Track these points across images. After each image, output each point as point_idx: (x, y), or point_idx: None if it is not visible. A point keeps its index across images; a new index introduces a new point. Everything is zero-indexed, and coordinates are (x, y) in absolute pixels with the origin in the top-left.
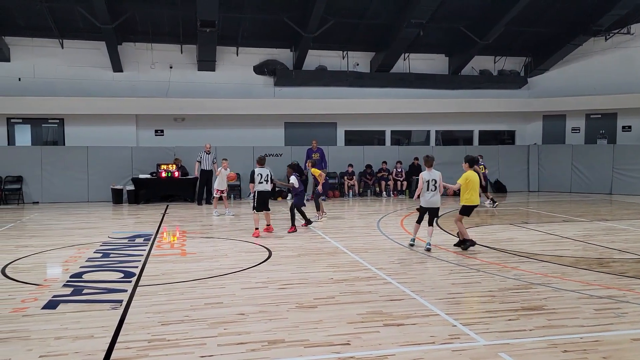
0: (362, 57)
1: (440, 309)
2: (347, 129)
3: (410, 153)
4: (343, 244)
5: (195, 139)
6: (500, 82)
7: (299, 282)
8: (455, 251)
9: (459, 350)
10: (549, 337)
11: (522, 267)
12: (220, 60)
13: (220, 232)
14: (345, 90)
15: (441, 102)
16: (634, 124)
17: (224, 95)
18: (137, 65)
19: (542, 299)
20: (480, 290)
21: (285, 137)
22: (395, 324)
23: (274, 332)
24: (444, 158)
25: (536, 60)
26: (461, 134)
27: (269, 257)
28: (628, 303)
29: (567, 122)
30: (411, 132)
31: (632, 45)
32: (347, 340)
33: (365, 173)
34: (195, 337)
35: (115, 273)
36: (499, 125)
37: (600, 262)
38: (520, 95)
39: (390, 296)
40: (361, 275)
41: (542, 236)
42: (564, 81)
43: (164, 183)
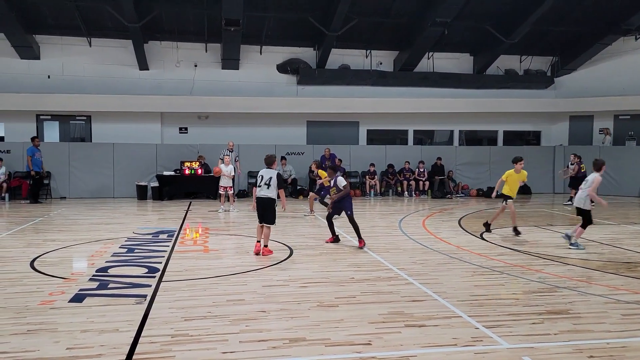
0: (385, 56)
1: (462, 310)
2: (370, 128)
3: (433, 153)
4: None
5: (218, 137)
6: (526, 82)
7: (320, 280)
8: (479, 253)
9: (482, 353)
10: (574, 341)
11: (547, 270)
12: (244, 59)
13: (242, 229)
14: (368, 89)
15: (465, 102)
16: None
17: (247, 94)
18: (162, 64)
19: (568, 303)
20: (504, 293)
21: (308, 136)
22: (416, 325)
23: (295, 330)
24: (467, 158)
25: (563, 60)
26: (485, 134)
27: (290, 255)
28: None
29: (595, 123)
30: (434, 132)
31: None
32: (368, 340)
33: (387, 173)
34: (217, 333)
35: (140, 268)
36: (524, 125)
37: (629, 267)
38: (547, 95)
39: (412, 297)
40: (382, 275)
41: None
42: (592, 81)
43: (187, 180)
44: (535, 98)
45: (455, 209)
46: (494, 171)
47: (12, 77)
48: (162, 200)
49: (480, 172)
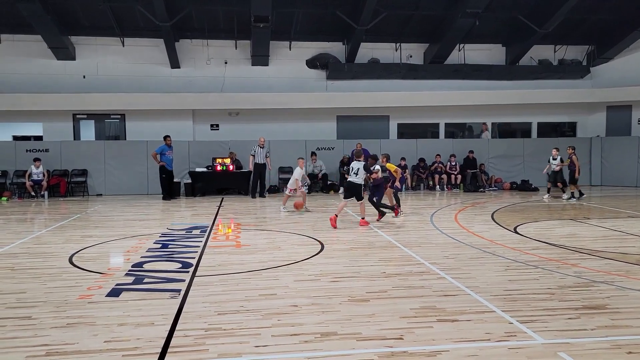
0: (415, 48)
1: (495, 305)
2: (400, 122)
3: (465, 146)
4: (396, 238)
5: (249, 133)
6: (560, 72)
7: (351, 275)
8: (512, 247)
9: (516, 349)
10: (612, 337)
11: (583, 265)
12: (273, 55)
13: (273, 224)
14: (398, 82)
15: (498, 94)
16: None
17: (277, 90)
18: (193, 62)
19: (605, 298)
20: (539, 288)
21: (338, 131)
22: (449, 320)
23: (327, 325)
24: (500, 151)
25: (600, 49)
26: (519, 126)
27: (321, 250)
28: None
29: (633, 113)
30: (466, 125)
31: None
32: (400, 335)
33: (419, 167)
34: (250, 327)
35: (174, 263)
36: (559, 116)
37: None
38: (583, 85)
39: (444, 291)
40: (414, 269)
41: (605, 232)
42: (629, 70)
43: (219, 176)
44: (571, 88)
45: (488, 202)
46: (528, 164)
47: (50, 77)
48: (194, 197)
49: (514, 164)
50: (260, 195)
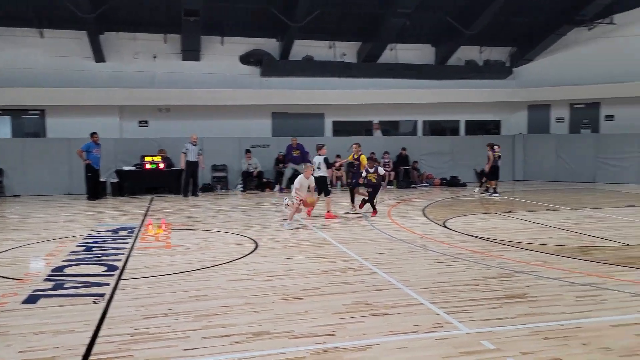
0: (349, 47)
1: (424, 298)
2: (335, 120)
3: (398, 143)
4: (330, 235)
5: (180, 130)
6: (486, 72)
7: (285, 273)
8: (442, 241)
9: (442, 339)
10: (530, 324)
11: (506, 256)
12: (205, 50)
13: (206, 224)
14: (333, 80)
15: (428, 93)
16: (617, 113)
17: (209, 86)
18: (119, 56)
19: (525, 287)
20: (465, 279)
21: (273, 128)
22: (380, 314)
23: (259, 324)
24: (431, 148)
25: (521, 50)
26: (448, 124)
27: (255, 248)
28: (608, 290)
29: (552, 112)
30: (399, 123)
31: (614, 35)
32: (332, 331)
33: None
34: (178, 330)
35: (98, 266)
36: (485, 115)
37: (583, 250)
38: (506, 85)
39: (376, 286)
40: (348, 266)
41: (527, 225)
42: (548, 71)
43: (148, 175)
44: (495, 88)
45: (420, 198)
46: (457, 161)
47: None
48: (122, 197)
49: (444, 161)
50: (192, 194)
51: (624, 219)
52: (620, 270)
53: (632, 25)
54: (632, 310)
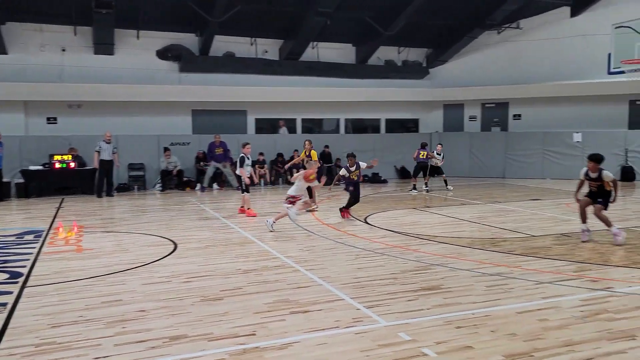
0: (271, 44)
1: (345, 293)
2: (258, 117)
3: (321, 141)
4: (252, 234)
5: (93, 128)
6: (404, 72)
7: (205, 274)
8: (362, 236)
9: (362, 333)
10: (444, 314)
11: (422, 249)
12: (119, 44)
13: (122, 225)
14: (255, 77)
15: (349, 91)
16: (523, 112)
17: (124, 81)
18: (24, 47)
19: (440, 279)
20: (384, 273)
21: (193, 126)
22: (301, 311)
23: (177, 328)
24: (354, 146)
25: (437, 52)
26: (369, 122)
27: (174, 250)
28: (515, 279)
29: (465, 111)
30: (322, 120)
31: (521, 39)
32: (252, 331)
33: (277, 161)
34: (89, 338)
35: (0, 274)
36: (404, 113)
37: (493, 242)
38: (423, 85)
39: (298, 284)
40: (270, 264)
41: (442, 219)
42: (461, 72)
43: (58, 175)
44: (413, 88)
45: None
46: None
47: None
48: (28, 198)
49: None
50: (107, 194)
51: (530, 212)
52: (525, 260)
53: (537, 30)
54: (535, 297)
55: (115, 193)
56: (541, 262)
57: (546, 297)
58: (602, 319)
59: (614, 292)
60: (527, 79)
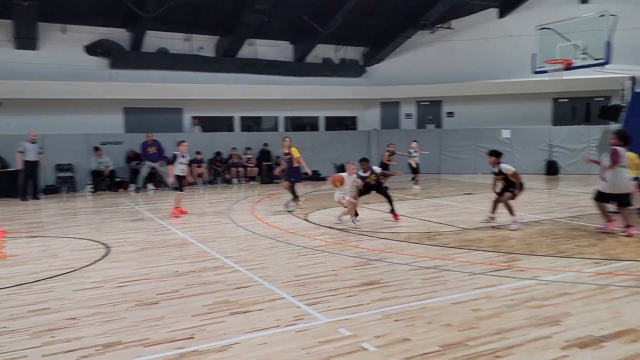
0: (207, 40)
1: (286, 292)
2: (195, 115)
3: (261, 139)
4: (191, 235)
5: (15, 127)
6: (342, 71)
7: (140, 278)
8: (303, 234)
9: (302, 331)
10: (383, 308)
11: (362, 245)
12: (43, 39)
13: (50, 229)
14: (191, 74)
15: (288, 89)
16: (456, 110)
17: (49, 77)
18: None
19: (379, 274)
20: (324, 270)
21: (126, 124)
22: (241, 312)
23: (110, 335)
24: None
25: (373, 50)
26: (308, 120)
27: (106, 254)
28: (449, 271)
29: (401, 109)
30: (261, 118)
31: (453, 39)
32: (190, 334)
33: (215, 160)
34: (14, 349)
35: None
36: (343, 111)
37: (429, 236)
38: (360, 83)
39: (238, 284)
40: (209, 265)
41: (382, 215)
42: (397, 71)
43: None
44: (351, 86)
45: (283, 193)
46: (318, 156)
47: None
48: None
49: (305, 156)
50: (33, 197)
51: (463, 206)
52: (459, 252)
53: (467, 31)
54: (468, 288)
55: (43, 195)
56: (474, 254)
57: (479, 287)
58: (530, 306)
59: (540, 280)
60: (459, 77)
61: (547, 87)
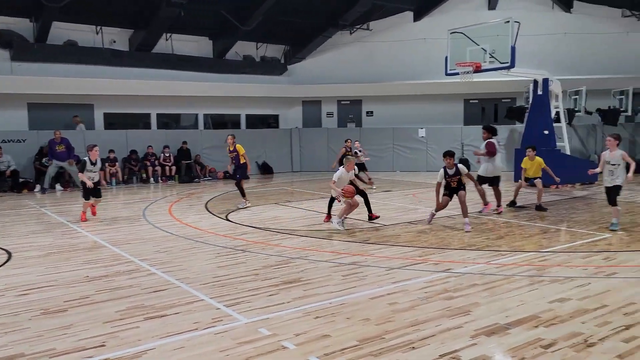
0: (119, 34)
1: (205, 293)
2: (107, 112)
3: (179, 137)
4: (103, 237)
5: None
6: (263, 68)
7: (46, 284)
8: (224, 234)
9: (221, 333)
10: (303, 306)
11: (284, 244)
12: None
13: None
14: (102, 69)
15: (207, 86)
16: (375, 109)
17: None
18: None
19: (300, 272)
20: (245, 270)
21: (30, 120)
22: (157, 316)
23: (11, 347)
24: (213, 142)
25: (294, 49)
26: (230, 117)
27: (8, 259)
28: (368, 267)
29: (323, 107)
30: (180, 116)
31: (371, 40)
32: (101, 342)
33: (130, 159)
34: None
35: None
36: (265, 109)
37: (349, 233)
38: (282, 81)
39: (154, 287)
40: (122, 269)
41: (303, 213)
42: (318, 70)
43: None
44: (272, 84)
45: (204, 192)
46: None
47: None
48: None
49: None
50: None
51: (382, 203)
52: (378, 248)
53: (385, 32)
54: (386, 282)
55: None
56: (391, 250)
57: (396, 281)
58: (443, 298)
59: (452, 272)
60: (377, 77)
61: (458, 88)
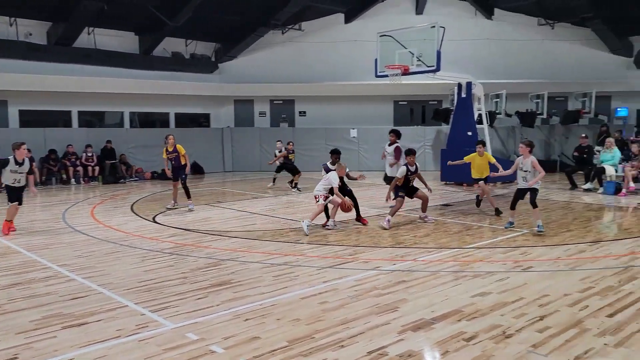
0: (36, 26)
1: (129, 299)
2: (23, 109)
3: (103, 135)
4: (16, 243)
5: None
6: (192, 66)
7: None
8: (150, 237)
9: (146, 339)
10: (233, 309)
11: (214, 246)
12: None
13: None
14: (17, 63)
15: (133, 83)
16: (307, 109)
17: None
18: None
19: (230, 274)
20: (172, 274)
21: None
22: (76, 325)
23: None
24: (140, 141)
25: (225, 47)
26: (158, 116)
27: None
28: (300, 267)
29: (255, 107)
30: (104, 114)
31: (303, 41)
32: (14, 354)
33: (48, 159)
34: None
35: None
36: (195, 108)
37: (281, 233)
38: (212, 79)
39: (73, 294)
40: (38, 275)
41: (235, 213)
42: (250, 68)
43: None
44: (202, 82)
45: (130, 193)
46: None
47: None
48: None
49: (155, 154)
50: None
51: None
52: (310, 248)
53: (316, 33)
54: (316, 282)
55: None
56: (323, 249)
57: (326, 281)
58: (372, 295)
59: (381, 270)
60: (309, 78)
61: (388, 90)
